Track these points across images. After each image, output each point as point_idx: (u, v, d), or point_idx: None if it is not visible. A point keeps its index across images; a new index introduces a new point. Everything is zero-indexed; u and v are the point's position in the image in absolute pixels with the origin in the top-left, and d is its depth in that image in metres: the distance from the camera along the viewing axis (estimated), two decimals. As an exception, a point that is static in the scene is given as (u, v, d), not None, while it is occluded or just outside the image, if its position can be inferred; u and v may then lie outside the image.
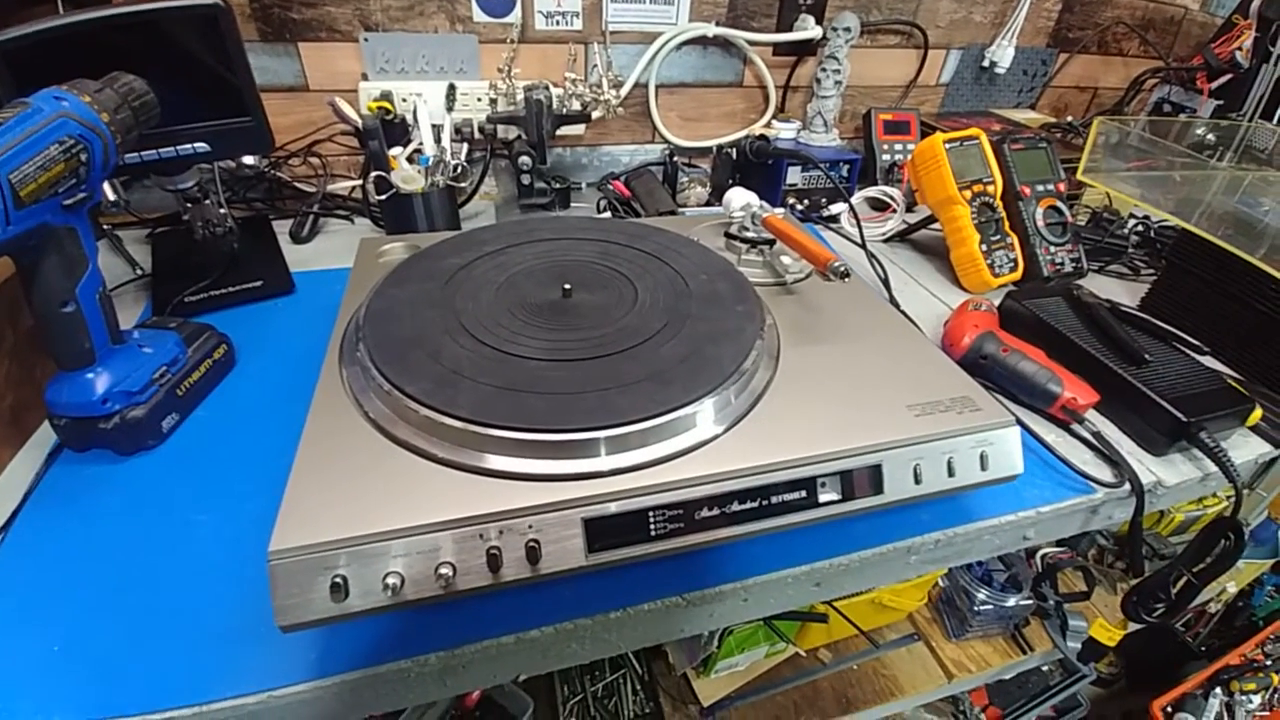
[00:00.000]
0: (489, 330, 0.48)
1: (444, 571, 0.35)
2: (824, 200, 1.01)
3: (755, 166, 0.98)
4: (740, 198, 0.68)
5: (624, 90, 1.00)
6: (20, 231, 0.41)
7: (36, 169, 0.41)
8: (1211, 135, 1.00)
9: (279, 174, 0.92)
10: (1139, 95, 1.31)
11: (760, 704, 1.00)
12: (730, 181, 0.99)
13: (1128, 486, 0.54)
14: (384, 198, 0.77)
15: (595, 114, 0.96)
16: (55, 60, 0.53)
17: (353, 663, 0.38)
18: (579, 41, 0.97)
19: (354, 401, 0.43)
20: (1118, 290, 0.85)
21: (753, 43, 1.05)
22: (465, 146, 0.84)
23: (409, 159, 0.78)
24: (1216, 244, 0.69)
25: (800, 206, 1.01)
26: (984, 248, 0.80)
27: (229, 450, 0.52)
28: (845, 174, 1.01)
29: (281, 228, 0.86)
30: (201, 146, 0.65)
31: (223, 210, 0.74)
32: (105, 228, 0.82)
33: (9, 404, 0.53)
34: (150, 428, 0.51)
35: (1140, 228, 0.96)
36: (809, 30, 1.04)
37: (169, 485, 0.49)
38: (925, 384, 0.48)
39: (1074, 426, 0.59)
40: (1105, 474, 0.55)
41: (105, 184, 0.57)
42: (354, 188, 0.94)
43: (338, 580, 0.34)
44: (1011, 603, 1.02)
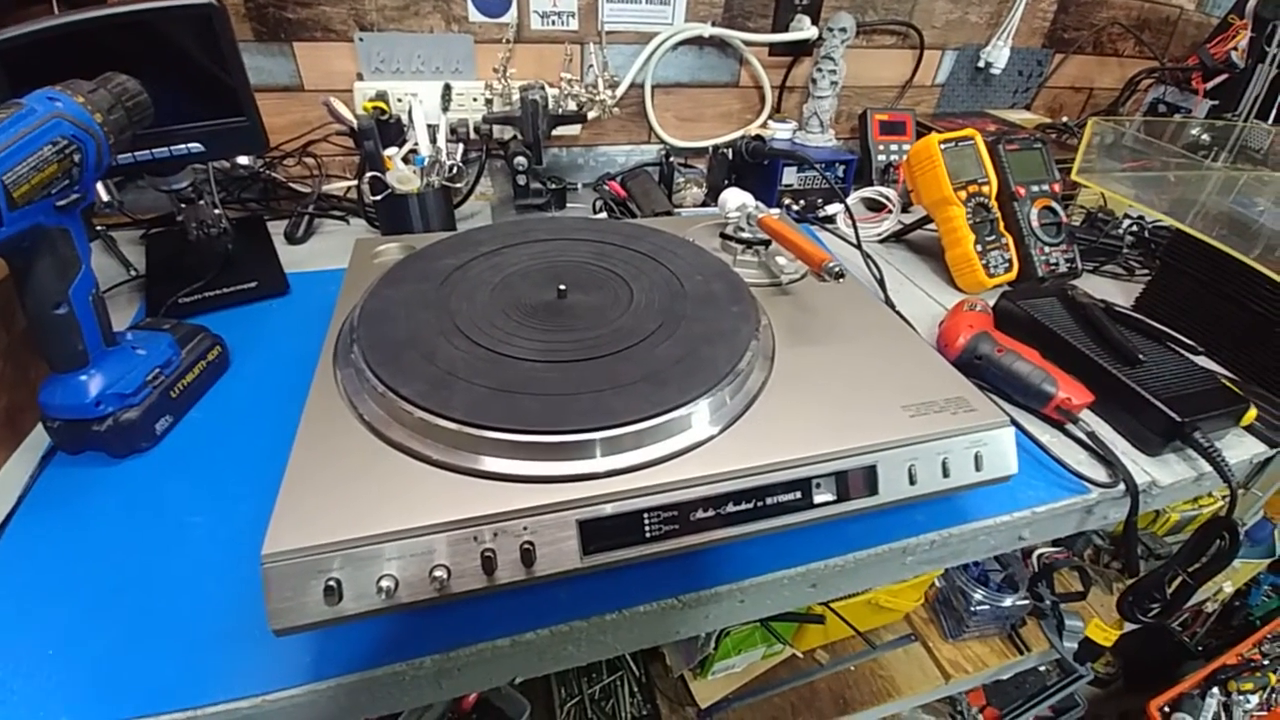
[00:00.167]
0: (484, 331, 0.48)
1: (438, 574, 0.35)
2: (820, 201, 1.01)
3: (751, 167, 0.98)
4: (736, 198, 0.68)
5: (620, 90, 1.00)
6: (13, 233, 0.41)
7: (30, 170, 0.41)
8: (1206, 135, 1.00)
9: (274, 174, 0.92)
10: (1134, 96, 1.31)
11: (757, 705, 0.99)
12: (726, 182, 0.99)
13: (1122, 486, 0.54)
14: (379, 198, 0.77)
15: (591, 114, 0.96)
16: (49, 60, 0.52)
17: (347, 666, 0.38)
18: (575, 41, 0.97)
19: (348, 403, 0.43)
20: (1112, 290, 0.85)
21: (749, 43, 1.05)
22: (461, 147, 0.84)
23: (404, 159, 0.78)
24: (1211, 244, 0.69)
25: (796, 207, 1.01)
26: (979, 248, 0.80)
27: (223, 452, 0.52)
28: (841, 174, 1.02)
29: (276, 228, 0.86)
30: (196, 147, 0.64)
31: (217, 211, 0.74)
32: (99, 228, 0.81)
33: (3, 406, 0.52)
34: (144, 430, 0.51)
35: (1135, 228, 0.96)
36: (805, 31, 1.04)
37: (163, 487, 0.49)
38: (920, 385, 0.48)
39: (1069, 427, 0.59)
40: (1100, 474, 0.55)
41: (99, 184, 0.57)
42: (349, 188, 0.94)
43: (332, 583, 0.34)
44: (1008, 603, 1.02)
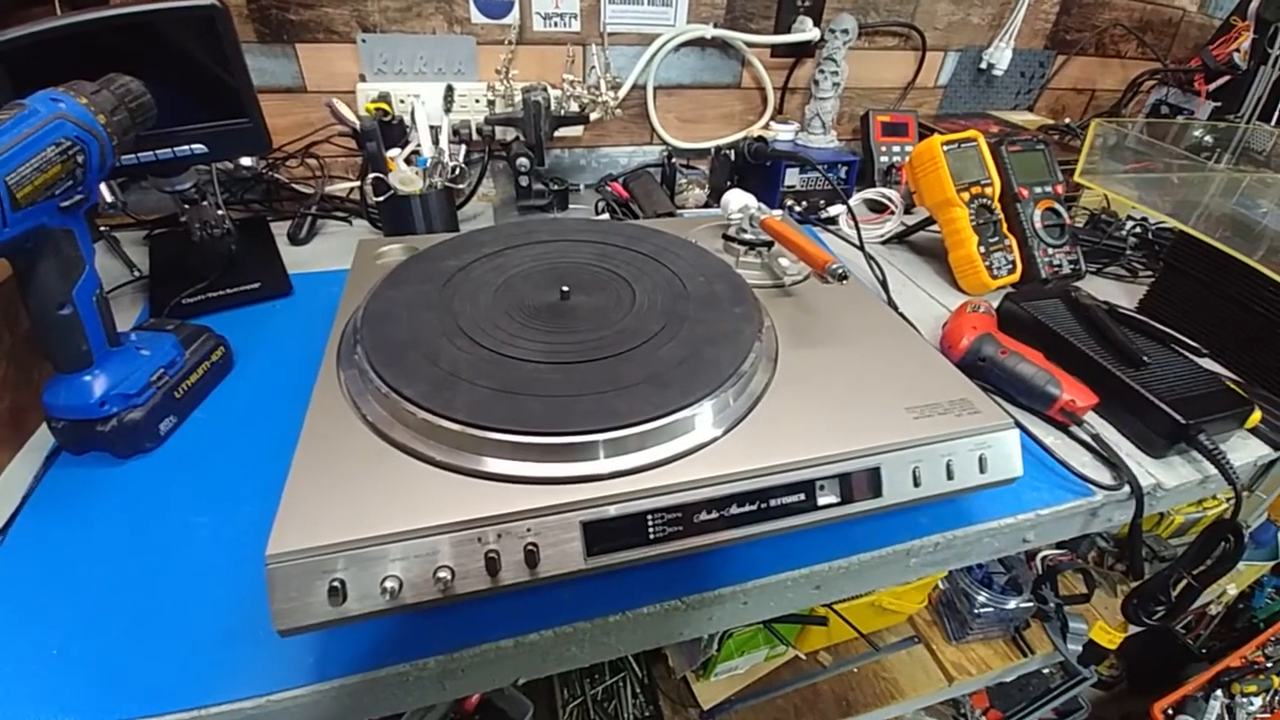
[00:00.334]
0: (487, 333, 0.48)
1: (442, 575, 0.35)
2: (822, 202, 1.01)
3: (753, 168, 0.98)
4: (738, 199, 0.68)
5: (622, 92, 1.00)
6: (17, 234, 0.41)
7: (33, 171, 0.41)
8: (1209, 137, 1.00)
9: (277, 175, 0.92)
10: (1137, 97, 1.31)
11: (760, 707, 0.99)
12: (728, 183, 0.99)
13: (1127, 489, 0.54)
14: (382, 199, 0.77)
15: (593, 115, 0.96)
16: (52, 62, 0.53)
17: (351, 666, 0.38)
18: (577, 43, 0.97)
19: (351, 404, 0.43)
20: (1116, 292, 0.85)
21: (751, 44, 1.05)
22: (463, 148, 0.84)
23: (407, 160, 0.78)
24: (1214, 246, 0.69)
25: (798, 208, 1.01)
26: (982, 250, 0.80)
27: (227, 453, 0.52)
28: (843, 176, 1.02)
29: (279, 229, 0.86)
30: (199, 148, 0.64)
31: (220, 212, 0.74)
32: (102, 229, 0.82)
33: (7, 406, 0.52)
34: (148, 430, 0.51)
35: (1138, 230, 0.96)
36: (807, 32, 1.04)
37: (167, 488, 0.49)
38: (923, 386, 0.48)
39: (1073, 429, 0.59)
40: (1104, 476, 0.55)
41: (102, 185, 0.57)
42: (352, 189, 0.94)
43: (335, 584, 0.34)
44: (1012, 605, 1.02)
